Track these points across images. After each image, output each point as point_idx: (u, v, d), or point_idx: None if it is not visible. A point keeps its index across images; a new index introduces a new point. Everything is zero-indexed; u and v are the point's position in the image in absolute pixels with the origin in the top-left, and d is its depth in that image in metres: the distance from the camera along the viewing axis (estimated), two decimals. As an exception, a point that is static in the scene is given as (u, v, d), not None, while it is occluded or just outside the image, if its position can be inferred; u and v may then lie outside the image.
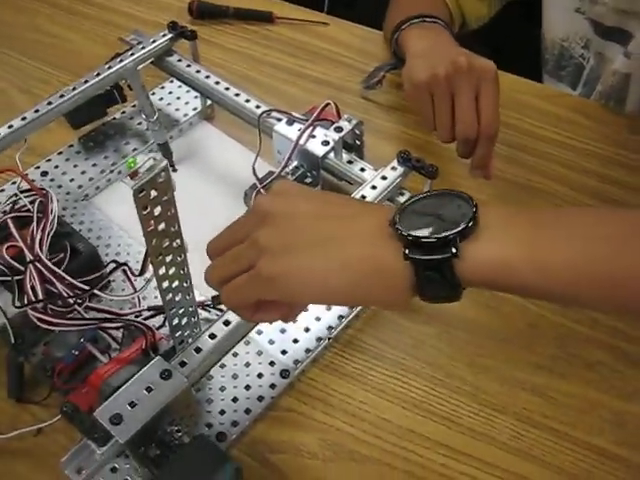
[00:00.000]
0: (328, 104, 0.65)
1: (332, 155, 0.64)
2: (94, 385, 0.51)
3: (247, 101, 0.69)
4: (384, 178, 0.60)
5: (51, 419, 0.53)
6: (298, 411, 0.58)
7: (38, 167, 0.74)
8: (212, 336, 0.50)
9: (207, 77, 0.71)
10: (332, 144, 0.63)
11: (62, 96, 0.68)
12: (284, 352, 0.60)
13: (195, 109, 0.79)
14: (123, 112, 0.79)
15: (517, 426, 0.57)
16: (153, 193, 0.40)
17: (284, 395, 0.58)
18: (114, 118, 0.78)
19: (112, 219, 0.70)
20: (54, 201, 0.62)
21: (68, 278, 0.55)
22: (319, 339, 0.61)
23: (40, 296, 0.54)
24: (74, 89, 0.69)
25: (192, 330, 0.51)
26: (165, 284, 0.46)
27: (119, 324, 0.53)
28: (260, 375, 0.58)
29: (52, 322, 0.52)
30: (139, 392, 0.46)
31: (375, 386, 0.60)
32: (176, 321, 0.49)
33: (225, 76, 0.73)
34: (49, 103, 0.67)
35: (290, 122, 0.66)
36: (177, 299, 0.48)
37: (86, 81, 0.69)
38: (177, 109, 0.80)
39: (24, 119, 0.66)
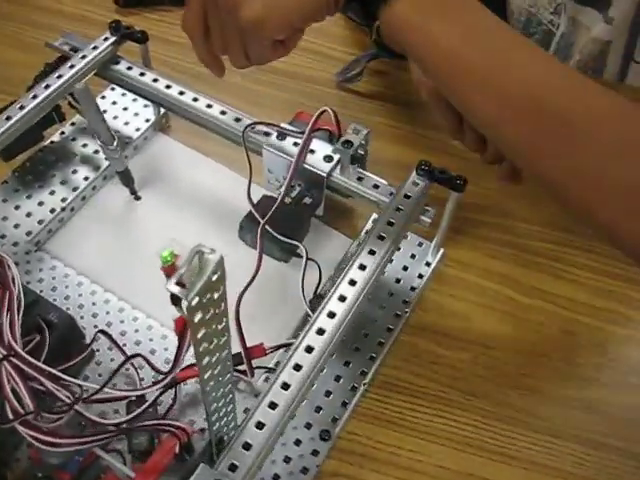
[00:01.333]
0: (324, 111, 0.56)
1: (337, 171, 0.55)
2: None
3: (223, 113, 0.58)
4: (407, 197, 0.53)
5: None
6: (346, 474, 0.51)
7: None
8: (259, 425, 0.42)
9: (168, 87, 0.60)
10: (337, 160, 0.54)
11: (22, 107, 0.55)
12: (318, 409, 0.52)
13: (148, 120, 0.68)
14: (62, 133, 0.66)
15: (578, 450, 0.53)
16: (207, 296, 0.31)
17: (326, 458, 0.51)
18: (52, 142, 0.66)
19: (75, 268, 0.58)
20: (12, 267, 0.50)
21: (59, 374, 0.44)
22: (353, 388, 0.53)
23: (30, 405, 0.43)
24: (7, 118, 0.56)
25: (228, 418, 0.43)
26: (207, 374, 0.37)
27: (146, 430, 0.43)
28: (298, 442, 0.50)
29: (57, 443, 0.41)
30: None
31: (421, 429, 0.53)
32: (215, 415, 0.41)
33: (175, 77, 0.62)
34: (-21, 140, 0.54)
35: (281, 136, 0.56)
36: (219, 388, 0.39)
37: (22, 107, 0.56)
38: (126, 122, 0.68)
39: None
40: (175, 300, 0.31)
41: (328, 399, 0.52)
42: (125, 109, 0.69)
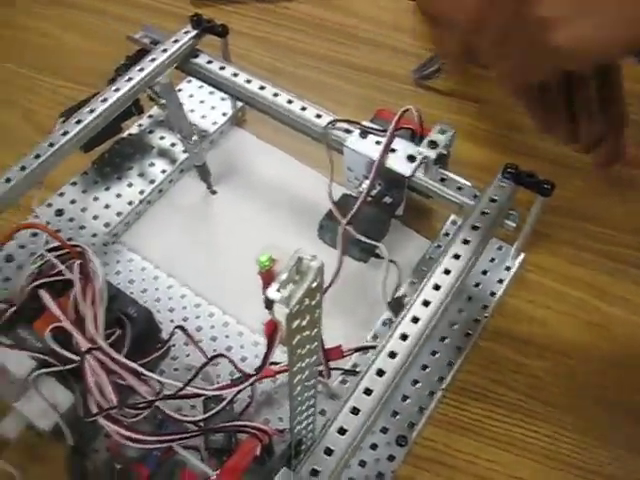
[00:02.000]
0: (407, 110, 0.54)
1: (419, 171, 0.54)
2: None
3: (304, 109, 0.57)
4: (493, 200, 0.51)
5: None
6: (421, 482, 0.50)
7: (50, 204, 0.61)
8: (341, 431, 0.41)
9: (248, 81, 0.59)
10: (420, 160, 0.53)
11: (79, 121, 0.55)
12: (395, 414, 0.51)
13: (224, 114, 0.67)
14: (140, 125, 0.67)
15: (663, 469, 0.51)
16: (306, 303, 0.30)
17: (402, 464, 0.50)
18: (130, 134, 0.66)
19: (151, 261, 0.59)
20: (94, 260, 0.51)
21: (140, 369, 0.45)
22: (431, 393, 0.52)
23: (113, 399, 0.43)
24: (91, 111, 0.56)
25: (309, 421, 0.42)
26: (296, 379, 0.37)
27: (228, 431, 0.43)
28: (374, 446, 0.50)
29: (138, 439, 0.42)
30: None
31: (499, 438, 0.52)
32: (298, 419, 0.40)
33: (252, 70, 0.61)
34: (64, 133, 0.55)
35: (363, 134, 0.55)
36: (304, 392, 0.38)
37: (104, 99, 0.57)
38: (203, 116, 0.68)
39: (37, 157, 0.53)
40: (271, 305, 0.30)
41: (405, 404, 0.52)
42: (202, 102, 0.69)
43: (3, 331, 0.48)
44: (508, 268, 0.58)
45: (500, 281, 0.58)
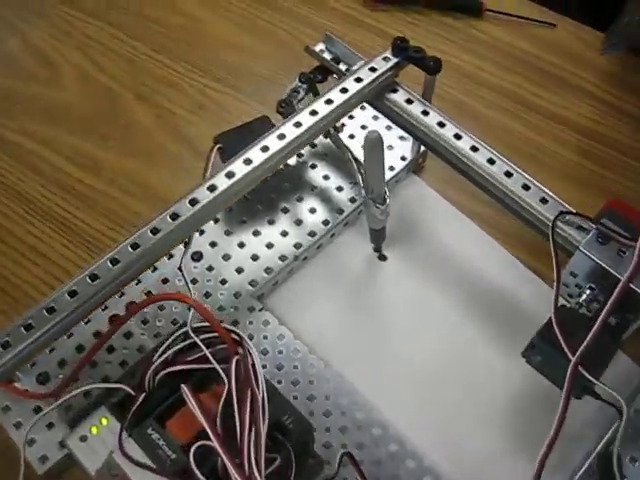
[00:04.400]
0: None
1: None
2: None
3: (526, 188, 0.45)
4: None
5: None
6: None
7: (186, 242, 0.50)
8: None
9: (442, 125, 0.47)
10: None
11: (248, 161, 0.44)
12: None
13: (404, 159, 0.55)
14: (300, 155, 0.55)
15: None
16: None
17: None
18: (287, 165, 0.54)
19: (292, 330, 0.47)
20: (254, 355, 0.39)
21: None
22: None
23: None
24: (264, 149, 0.44)
25: None
26: None
27: None
28: None
29: None
30: None
31: None
32: None
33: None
34: (230, 174, 0.43)
35: (603, 239, 0.42)
36: None
37: (282, 135, 0.45)
38: (376, 158, 0.55)
39: (213, 189, 0.42)
40: None
41: None
42: None
43: (129, 426, 0.38)
44: None
45: None
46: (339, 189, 0.53)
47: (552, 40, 0.66)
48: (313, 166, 0.55)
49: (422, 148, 0.54)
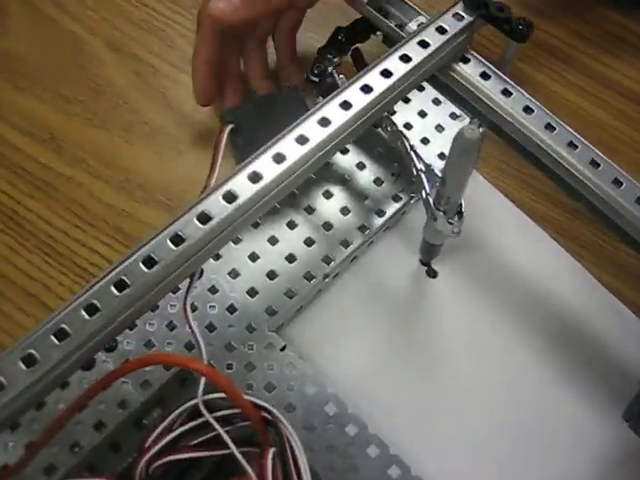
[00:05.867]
0: None
1: None
2: None
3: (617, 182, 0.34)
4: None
5: None
6: None
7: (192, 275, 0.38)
8: None
9: (551, 128, 0.35)
10: None
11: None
12: None
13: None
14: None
15: None
16: None
17: None
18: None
19: (337, 383, 0.36)
20: (293, 435, 0.28)
21: None
22: None
23: None
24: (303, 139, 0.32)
25: None
26: None
27: None
28: None
29: None
30: None
31: None
32: None
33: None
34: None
35: None
36: None
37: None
38: (424, 139, 0.43)
39: (231, 199, 0.30)
40: None
41: None
42: (440, 129, 0.44)
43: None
44: None
45: None
46: (378, 182, 0.41)
47: None
48: (344, 151, 0.42)
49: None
